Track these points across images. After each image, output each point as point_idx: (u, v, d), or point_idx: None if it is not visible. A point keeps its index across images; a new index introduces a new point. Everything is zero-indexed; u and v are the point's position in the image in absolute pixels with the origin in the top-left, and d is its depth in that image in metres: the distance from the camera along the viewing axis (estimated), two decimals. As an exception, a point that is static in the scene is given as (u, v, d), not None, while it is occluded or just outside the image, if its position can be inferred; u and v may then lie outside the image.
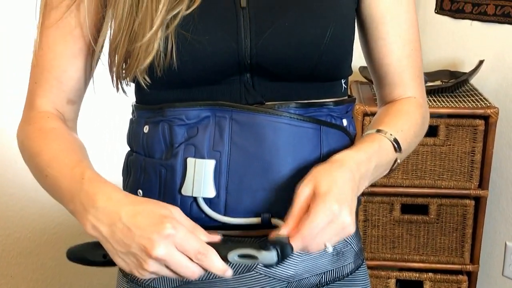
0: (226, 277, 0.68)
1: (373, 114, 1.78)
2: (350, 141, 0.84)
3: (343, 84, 0.86)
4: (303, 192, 0.70)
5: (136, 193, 0.83)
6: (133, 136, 0.85)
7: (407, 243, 1.89)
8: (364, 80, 2.03)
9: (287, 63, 0.78)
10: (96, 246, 0.73)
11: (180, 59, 0.76)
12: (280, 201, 0.77)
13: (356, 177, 0.73)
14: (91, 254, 0.75)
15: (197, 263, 0.67)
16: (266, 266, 0.68)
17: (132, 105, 0.87)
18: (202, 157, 0.78)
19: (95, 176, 0.73)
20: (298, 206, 0.70)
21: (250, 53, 0.76)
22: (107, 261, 0.73)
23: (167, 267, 0.67)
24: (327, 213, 0.68)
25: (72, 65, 0.84)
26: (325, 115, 0.81)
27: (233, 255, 0.67)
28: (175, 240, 0.66)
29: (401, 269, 1.91)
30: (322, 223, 0.68)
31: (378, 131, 0.82)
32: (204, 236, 0.69)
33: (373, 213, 1.87)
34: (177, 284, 0.85)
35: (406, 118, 0.86)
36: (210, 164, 0.77)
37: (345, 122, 0.84)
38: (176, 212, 0.69)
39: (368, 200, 1.84)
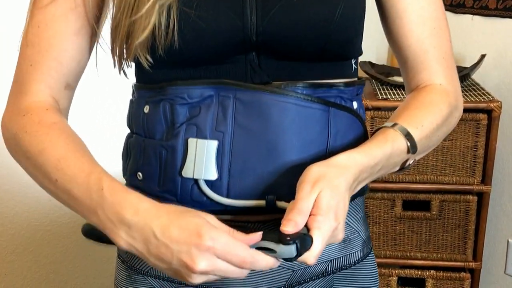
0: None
1: (374, 108, 1.76)
2: (360, 125, 0.81)
3: (353, 65, 0.83)
4: (310, 197, 0.67)
5: (135, 176, 0.80)
6: (133, 117, 0.82)
7: (409, 240, 1.86)
8: (365, 75, 2.00)
9: (295, 41, 0.74)
10: None
11: (182, 37, 0.72)
12: (285, 184, 0.74)
13: (354, 185, 0.71)
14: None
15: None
16: (286, 260, 0.65)
17: (132, 86, 0.84)
18: (204, 138, 0.74)
19: (114, 184, 0.69)
20: (304, 207, 0.66)
21: (256, 30, 0.73)
22: None
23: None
24: (329, 227, 0.66)
25: (73, 43, 0.79)
26: (335, 96, 0.78)
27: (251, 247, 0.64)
28: (216, 252, 0.63)
29: (403, 267, 1.87)
30: (325, 241, 0.66)
31: (394, 125, 0.77)
32: (243, 237, 0.65)
33: (374, 210, 1.84)
34: None
35: (428, 111, 0.80)
36: (213, 144, 0.74)
37: (355, 104, 0.81)
38: (210, 219, 0.66)
39: (369, 196, 1.81)
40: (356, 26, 0.78)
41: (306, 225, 0.65)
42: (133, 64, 0.80)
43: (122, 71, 0.79)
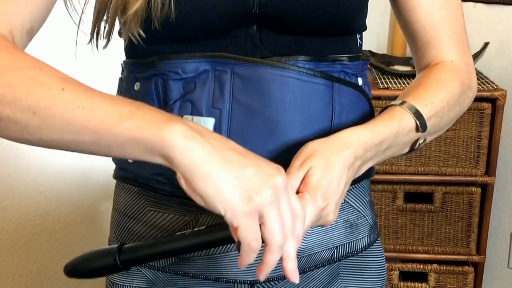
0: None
1: (374, 97, 1.71)
2: (366, 102, 0.76)
3: (358, 40, 0.78)
4: (297, 173, 0.63)
5: (126, 160, 0.74)
6: (123, 96, 0.76)
7: (411, 233, 1.81)
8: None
9: (300, 14, 0.69)
10: (101, 253, 0.64)
11: (179, 9, 0.67)
12: (286, 163, 0.68)
13: (357, 163, 0.66)
14: (100, 261, 0.64)
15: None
16: None
17: (121, 63, 0.78)
18: (200, 115, 0.69)
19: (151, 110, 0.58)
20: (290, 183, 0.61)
21: (259, 2, 0.68)
22: (123, 263, 0.64)
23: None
24: (314, 207, 0.61)
25: None
26: (338, 71, 0.73)
27: None
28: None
29: (405, 261, 1.83)
30: (310, 221, 0.61)
31: (403, 103, 0.72)
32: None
33: (375, 202, 1.79)
34: (173, 261, 0.76)
35: (438, 89, 0.75)
36: (209, 122, 0.69)
37: (360, 81, 0.76)
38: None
39: (370, 188, 1.76)
40: None
41: None
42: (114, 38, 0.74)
43: (96, 45, 0.71)
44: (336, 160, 0.63)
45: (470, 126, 1.70)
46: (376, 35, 2.14)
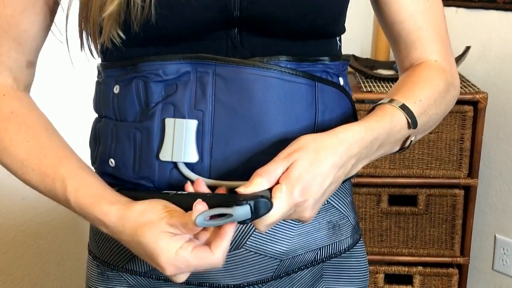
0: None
1: (358, 101, 1.72)
2: (348, 101, 0.76)
3: (338, 42, 0.78)
4: (280, 163, 0.63)
5: (107, 163, 0.74)
6: (101, 100, 0.76)
7: (396, 236, 1.82)
8: (349, 69, 1.96)
9: (281, 17, 0.69)
10: None
11: (159, 13, 0.67)
12: None
13: (350, 162, 0.66)
14: None
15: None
16: (241, 223, 0.60)
17: (97, 66, 0.78)
18: (183, 117, 0.69)
19: (79, 195, 0.70)
20: (268, 171, 0.63)
21: (240, 5, 0.68)
22: None
23: None
24: (288, 201, 0.61)
25: (34, 23, 0.74)
26: (320, 71, 0.73)
27: (201, 219, 0.59)
28: (183, 270, 0.64)
29: (390, 263, 1.83)
30: (281, 212, 0.62)
31: (391, 101, 0.72)
32: (186, 218, 0.63)
33: (360, 205, 1.79)
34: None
35: (424, 85, 0.76)
36: (192, 124, 0.69)
37: (341, 81, 0.76)
38: (166, 216, 0.65)
39: (355, 191, 1.77)
40: (344, 2, 0.74)
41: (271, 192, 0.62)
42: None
43: (90, 51, 0.73)
44: (325, 156, 0.63)
45: (453, 128, 1.71)
46: (360, 39, 2.15)
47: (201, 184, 0.67)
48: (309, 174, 0.62)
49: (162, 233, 0.63)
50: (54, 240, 1.87)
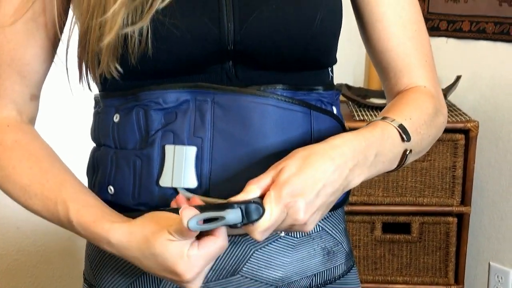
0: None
1: (351, 129, 1.74)
2: (342, 129, 0.78)
3: (330, 73, 0.81)
4: (269, 172, 0.65)
5: (106, 190, 0.75)
6: (100, 128, 0.77)
7: (390, 263, 1.82)
8: (342, 98, 1.99)
9: (274, 50, 0.71)
10: None
11: (156, 47, 0.69)
12: None
13: (347, 166, 0.66)
14: None
15: None
16: (232, 227, 0.61)
17: (95, 97, 0.79)
18: (182, 144, 0.70)
19: (81, 217, 0.70)
20: (259, 180, 0.64)
21: (233, 39, 0.70)
22: None
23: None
24: (279, 206, 0.62)
25: (37, 56, 0.76)
26: (315, 100, 0.75)
27: (193, 223, 0.59)
28: (197, 272, 0.65)
29: (384, 291, 1.83)
30: (273, 216, 0.62)
31: (383, 118, 0.73)
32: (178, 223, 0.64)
33: (354, 233, 1.80)
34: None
35: (414, 107, 0.76)
36: (191, 150, 0.70)
37: (335, 110, 0.78)
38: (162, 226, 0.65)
39: (348, 219, 1.78)
40: (335, 33, 0.76)
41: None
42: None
43: (88, 84, 0.75)
44: (315, 160, 0.64)
45: (445, 156, 1.73)
46: (353, 69, 2.18)
47: (197, 202, 0.68)
48: (297, 177, 0.63)
49: (168, 242, 0.63)
50: (48, 268, 1.86)
